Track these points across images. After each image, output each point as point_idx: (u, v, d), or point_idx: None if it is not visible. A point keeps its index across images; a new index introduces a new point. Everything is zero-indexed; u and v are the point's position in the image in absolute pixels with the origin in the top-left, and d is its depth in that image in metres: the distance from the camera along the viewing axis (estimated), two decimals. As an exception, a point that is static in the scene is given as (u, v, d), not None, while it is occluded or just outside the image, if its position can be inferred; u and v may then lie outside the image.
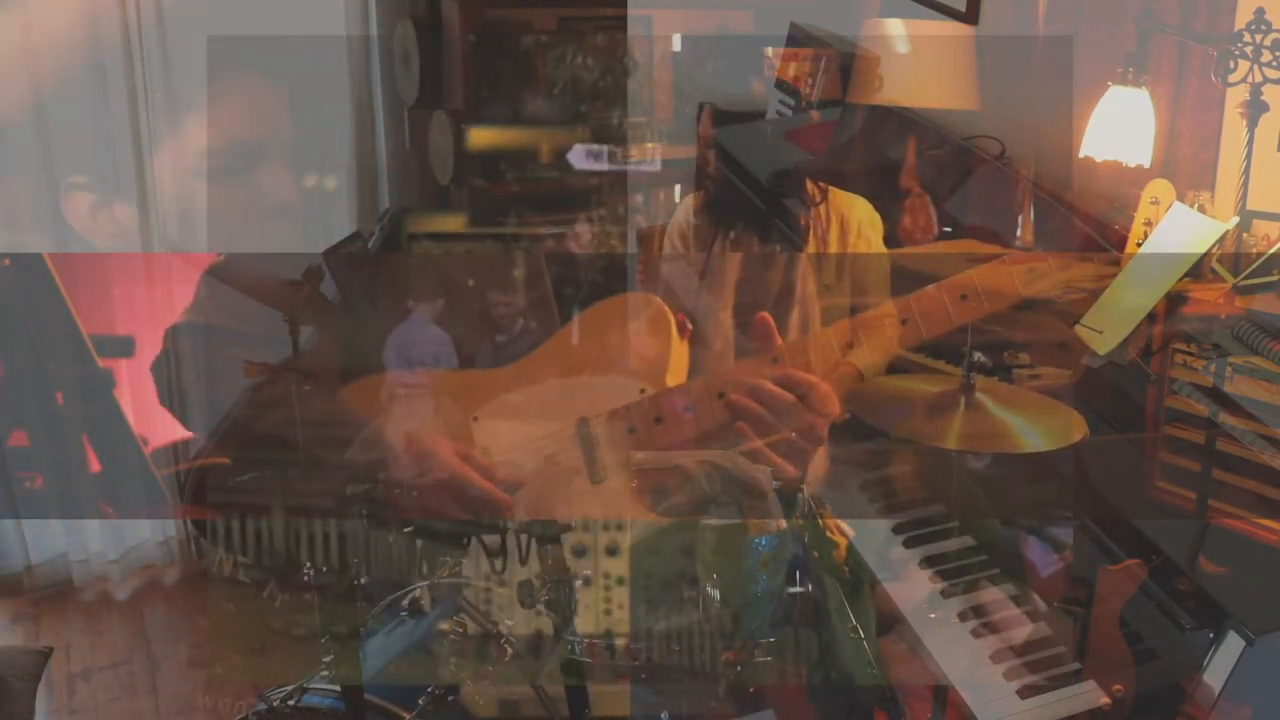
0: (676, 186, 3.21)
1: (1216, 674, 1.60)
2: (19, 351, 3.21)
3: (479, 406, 1.69)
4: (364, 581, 1.59)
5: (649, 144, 3.15)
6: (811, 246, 2.24)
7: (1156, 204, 2.02)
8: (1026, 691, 1.75)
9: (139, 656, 3.24)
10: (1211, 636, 1.62)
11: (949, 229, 2.45)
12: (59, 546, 3.46)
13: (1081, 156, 2.14)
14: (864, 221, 2.29)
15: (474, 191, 3.21)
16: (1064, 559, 1.91)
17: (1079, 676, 1.76)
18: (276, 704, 1.78)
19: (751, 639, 1.59)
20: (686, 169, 2.93)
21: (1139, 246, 2.01)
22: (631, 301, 1.82)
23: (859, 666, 1.75)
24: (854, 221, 2.28)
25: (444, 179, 3.27)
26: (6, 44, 3.03)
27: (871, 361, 1.72)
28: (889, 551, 2.06)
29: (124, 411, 3.33)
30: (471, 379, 1.87)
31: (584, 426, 1.64)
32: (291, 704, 1.78)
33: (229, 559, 1.53)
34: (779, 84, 2.97)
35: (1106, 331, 1.94)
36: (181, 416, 2.00)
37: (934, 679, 1.84)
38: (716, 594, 1.57)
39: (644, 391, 1.66)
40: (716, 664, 1.58)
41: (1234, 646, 1.59)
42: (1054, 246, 2.16)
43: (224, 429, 1.74)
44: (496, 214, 3.13)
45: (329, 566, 1.56)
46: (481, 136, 3.20)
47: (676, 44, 3.30)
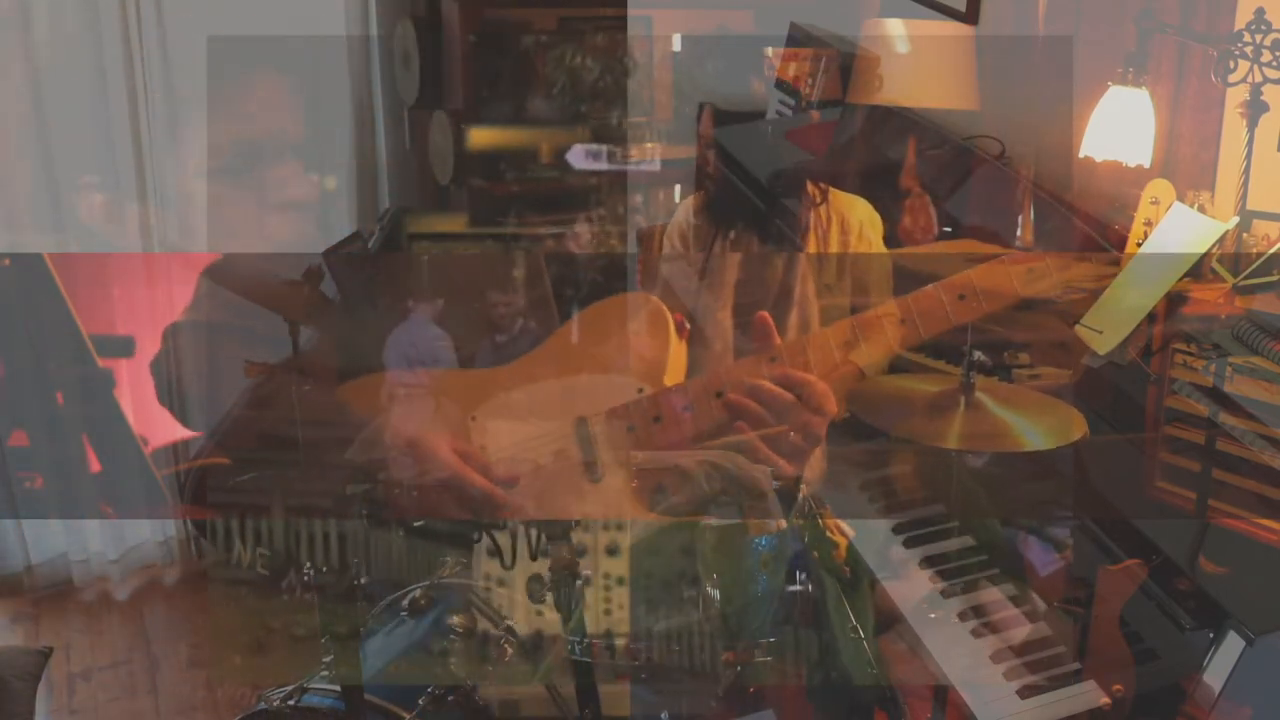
0: (676, 186, 3.21)
1: (1216, 674, 1.60)
2: (19, 351, 3.21)
3: (477, 406, 1.69)
4: (364, 581, 1.59)
5: (649, 144, 3.15)
6: (812, 247, 2.24)
7: (1156, 204, 2.02)
8: (1026, 691, 1.75)
9: (139, 656, 3.24)
10: (1211, 636, 1.61)
11: (949, 229, 2.45)
12: (59, 546, 3.46)
13: (1081, 156, 2.14)
14: (864, 222, 2.29)
15: (474, 191, 3.21)
16: (1064, 559, 1.91)
17: (1079, 676, 1.76)
18: (276, 704, 1.78)
19: (751, 639, 1.59)
20: (686, 169, 2.93)
21: (1139, 246, 2.01)
22: (630, 301, 1.82)
23: (859, 666, 1.75)
24: (854, 222, 2.28)
25: (444, 179, 3.27)
26: (6, 44, 3.04)
27: (872, 361, 1.72)
28: (889, 551, 2.06)
29: (124, 411, 3.33)
30: (469, 378, 1.87)
31: (582, 426, 1.64)
32: (291, 704, 1.77)
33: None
34: (779, 84, 2.97)
35: (1106, 331, 1.94)
36: (180, 415, 2.00)
37: (934, 679, 1.84)
38: (716, 594, 1.57)
39: (642, 391, 1.66)
40: (716, 664, 1.58)
41: (1234, 646, 1.59)
42: (1054, 246, 2.16)
43: (224, 429, 1.74)
44: (496, 214, 3.13)
45: (329, 566, 1.56)
46: (481, 136, 3.20)
47: (676, 44, 3.30)
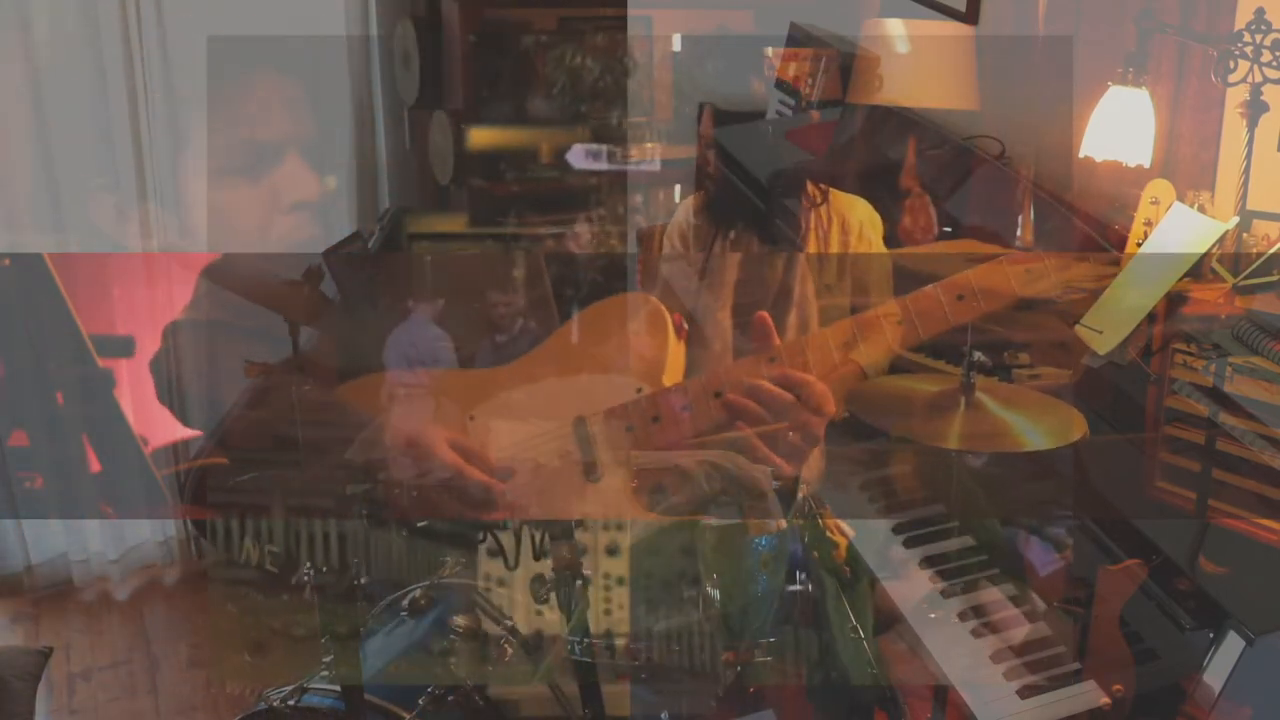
0: (676, 186, 3.21)
1: (1216, 674, 1.60)
2: (19, 351, 3.21)
3: (476, 405, 1.69)
4: (364, 581, 1.59)
5: (649, 144, 3.14)
6: (812, 247, 2.24)
7: (1156, 204, 2.02)
8: (1026, 691, 1.75)
9: (139, 656, 3.24)
10: (1211, 636, 1.61)
11: (949, 229, 2.45)
12: (59, 546, 3.46)
13: (1081, 156, 2.14)
14: (865, 222, 2.29)
15: (474, 191, 3.21)
16: (1064, 559, 1.91)
17: (1079, 676, 1.76)
18: (276, 704, 1.78)
19: (751, 639, 1.59)
20: (686, 169, 2.93)
21: (1139, 246, 2.01)
22: (629, 302, 1.82)
23: (858, 666, 1.75)
24: (854, 222, 2.28)
25: (444, 179, 3.27)
26: (6, 44, 3.03)
27: (872, 360, 1.72)
28: (889, 551, 2.06)
29: (124, 411, 3.33)
30: (469, 378, 1.87)
31: (581, 425, 1.64)
32: (291, 704, 1.77)
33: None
34: (779, 84, 2.97)
35: (1106, 331, 1.94)
36: (180, 414, 2.00)
37: (934, 679, 1.84)
38: (716, 594, 1.57)
39: (641, 391, 1.66)
40: (716, 664, 1.58)
41: (1234, 646, 1.59)
42: (1054, 246, 2.16)
43: (224, 429, 1.74)
44: (496, 214, 3.13)
45: (329, 566, 1.56)
46: (481, 136, 3.19)
47: (676, 44, 3.30)
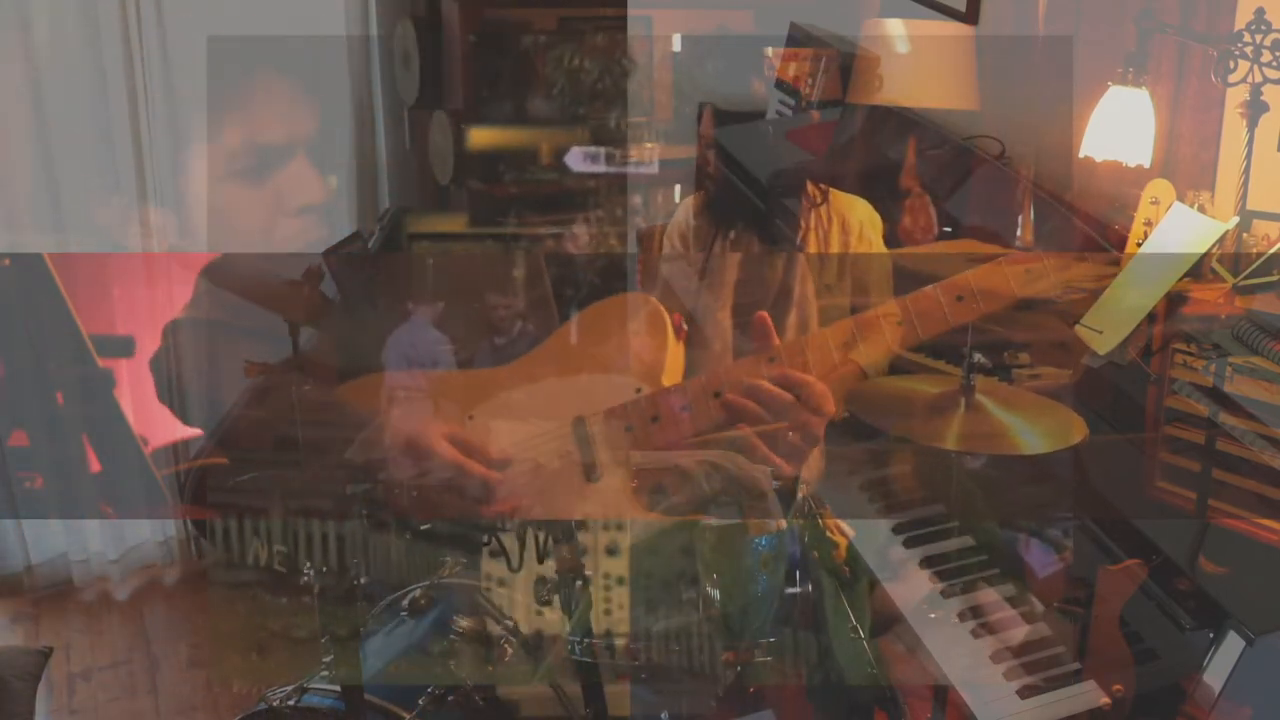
0: (676, 187, 3.21)
1: (1216, 674, 1.60)
2: (19, 351, 3.21)
3: (476, 405, 1.69)
4: (364, 582, 1.59)
5: (648, 144, 3.14)
6: (812, 247, 2.24)
7: (1156, 204, 2.02)
8: (1026, 691, 1.75)
9: (139, 656, 3.24)
10: (1211, 636, 1.61)
11: (949, 229, 2.45)
12: (59, 546, 3.46)
13: (1081, 156, 2.14)
14: (865, 222, 2.29)
15: (474, 192, 3.21)
16: (1064, 559, 1.91)
17: (1079, 676, 1.76)
18: (276, 704, 1.78)
19: (751, 639, 1.59)
20: (686, 169, 2.92)
21: (1139, 246, 2.01)
22: (629, 302, 1.82)
23: (858, 666, 1.75)
24: (855, 222, 2.28)
25: (444, 179, 3.27)
26: (6, 44, 3.03)
27: (872, 360, 1.72)
28: (889, 551, 2.06)
29: (124, 411, 3.33)
30: (468, 378, 1.87)
31: (580, 426, 1.64)
32: (291, 704, 1.77)
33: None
34: (779, 84, 2.96)
35: (1106, 331, 1.94)
36: (180, 412, 2.00)
37: (934, 679, 1.84)
38: (716, 594, 1.57)
39: (640, 391, 1.66)
40: (716, 664, 1.58)
41: (1234, 646, 1.59)
42: (1054, 246, 2.16)
43: (224, 429, 1.74)
44: (496, 214, 3.13)
45: (329, 567, 1.56)
46: (481, 136, 3.19)
47: (676, 44, 3.30)
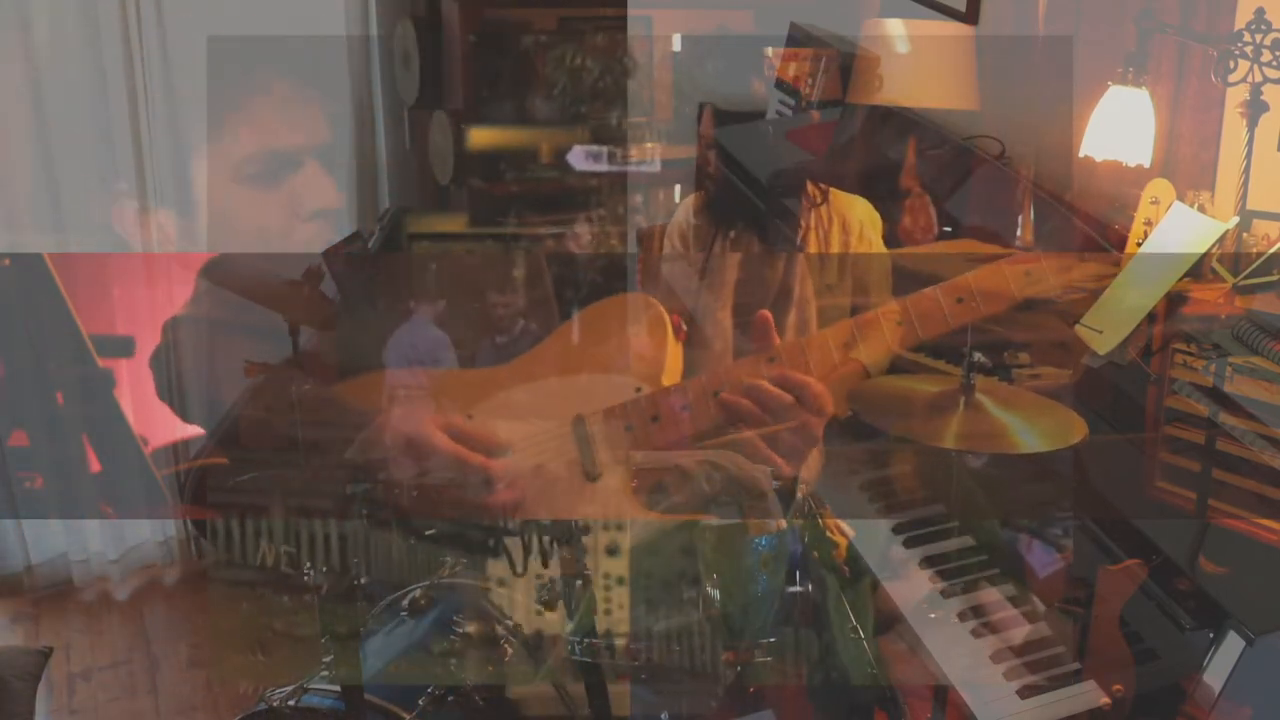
0: (676, 186, 3.21)
1: (1216, 674, 1.60)
2: (19, 351, 3.21)
3: (475, 404, 1.69)
4: (364, 581, 1.59)
5: (649, 144, 3.14)
6: (813, 247, 2.24)
7: (1156, 204, 2.02)
8: (1026, 691, 1.75)
9: (139, 656, 3.24)
10: (1211, 636, 1.62)
11: (949, 229, 2.45)
12: (59, 546, 3.46)
13: (1081, 156, 2.14)
14: (865, 222, 2.30)
15: (474, 191, 3.21)
16: (1064, 559, 1.91)
17: (1079, 676, 1.76)
18: (276, 704, 1.78)
19: (752, 639, 1.59)
20: (686, 169, 2.93)
21: (1139, 246, 2.01)
22: (628, 302, 1.82)
23: (858, 666, 1.75)
24: (855, 222, 2.28)
25: (444, 179, 3.27)
26: (6, 44, 3.03)
27: (873, 360, 1.72)
28: (889, 551, 2.06)
29: (124, 411, 3.33)
30: (467, 377, 1.87)
31: (580, 425, 1.64)
32: (291, 704, 1.77)
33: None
34: (779, 84, 2.97)
35: (1106, 331, 1.94)
36: (180, 410, 1.99)
37: (934, 679, 1.84)
38: (716, 594, 1.57)
39: (640, 390, 1.66)
40: (716, 664, 1.58)
41: (1234, 646, 1.59)
42: (1054, 246, 2.16)
43: (224, 429, 1.74)
44: (496, 214, 3.13)
45: (329, 566, 1.56)
46: (481, 136, 3.19)
47: (676, 44, 3.30)
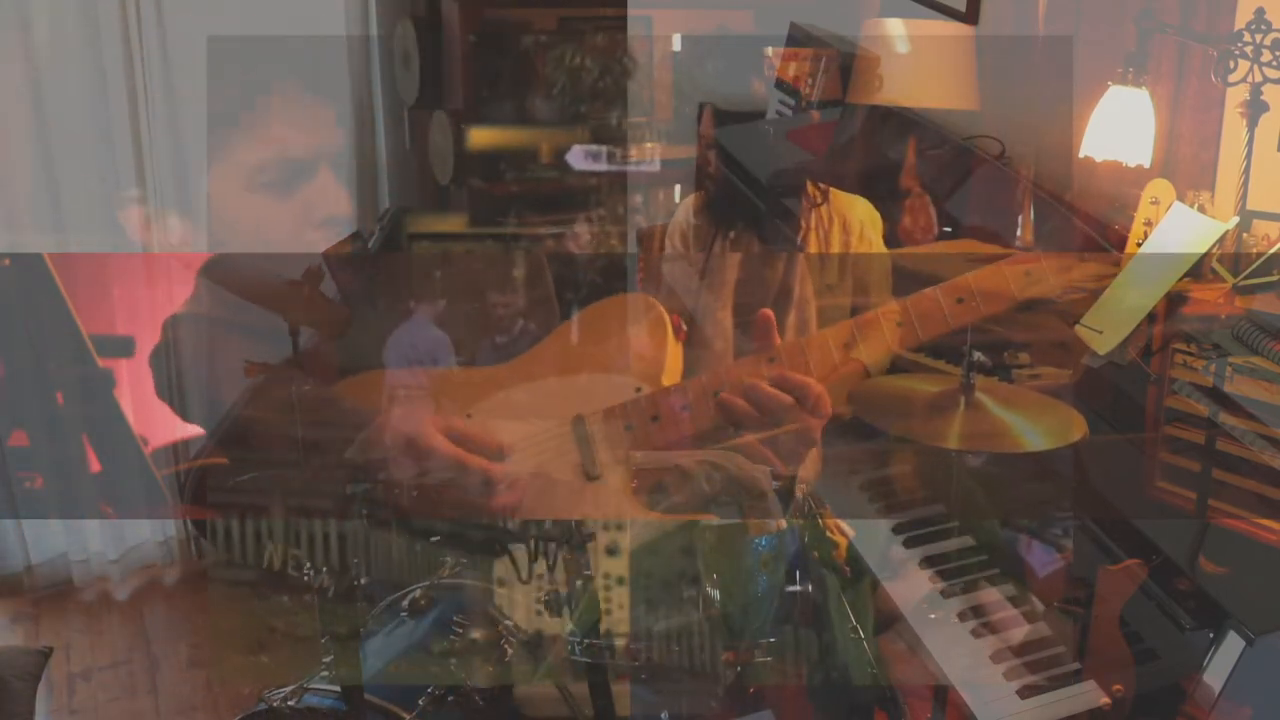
0: (676, 186, 3.21)
1: (1216, 674, 1.60)
2: (19, 351, 3.21)
3: (474, 404, 1.69)
4: (364, 581, 1.59)
5: (649, 144, 3.14)
6: (813, 247, 2.24)
7: (1156, 204, 2.02)
8: (1026, 691, 1.75)
9: (139, 656, 3.24)
10: (1211, 636, 1.61)
11: (949, 229, 2.45)
12: (59, 546, 3.46)
13: (1081, 156, 2.14)
14: (865, 221, 2.30)
15: (474, 191, 3.21)
16: (1064, 559, 1.91)
17: (1079, 676, 1.76)
18: (276, 704, 1.78)
19: (751, 639, 1.59)
20: (686, 169, 2.92)
21: (1139, 246, 2.01)
22: (628, 302, 1.82)
23: (859, 666, 1.75)
24: (855, 222, 2.28)
25: (444, 179, 3.27)
26: (6, 44, 3.03)
27: (873, 360, 1.72)
28: (889, 551, 2.06)
29: (124, 411, 3.33)
30: (466, 376, 1.87)
31: (580, 425, 1.64)
32: (291, 704, 1.77)
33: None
34: (779, 84, 2.97)
35: (1106, 331, 1.94)
36: (179, 409, 1.99)
37: (934, 679, 1.84)
38: (716, 594, 1.57)
39: (640, 390, 1.66)
40: (716, 664, 1.58)
41: (1234, 646, 1.59)
42: (1054, 246, 2.16)
43: (224, 429, 1.74)
44: (496, 214, 3.13)
45: (329, 567, 1.56)
46: (481, 136, 3.19)
47: (676, 44, 3.30)
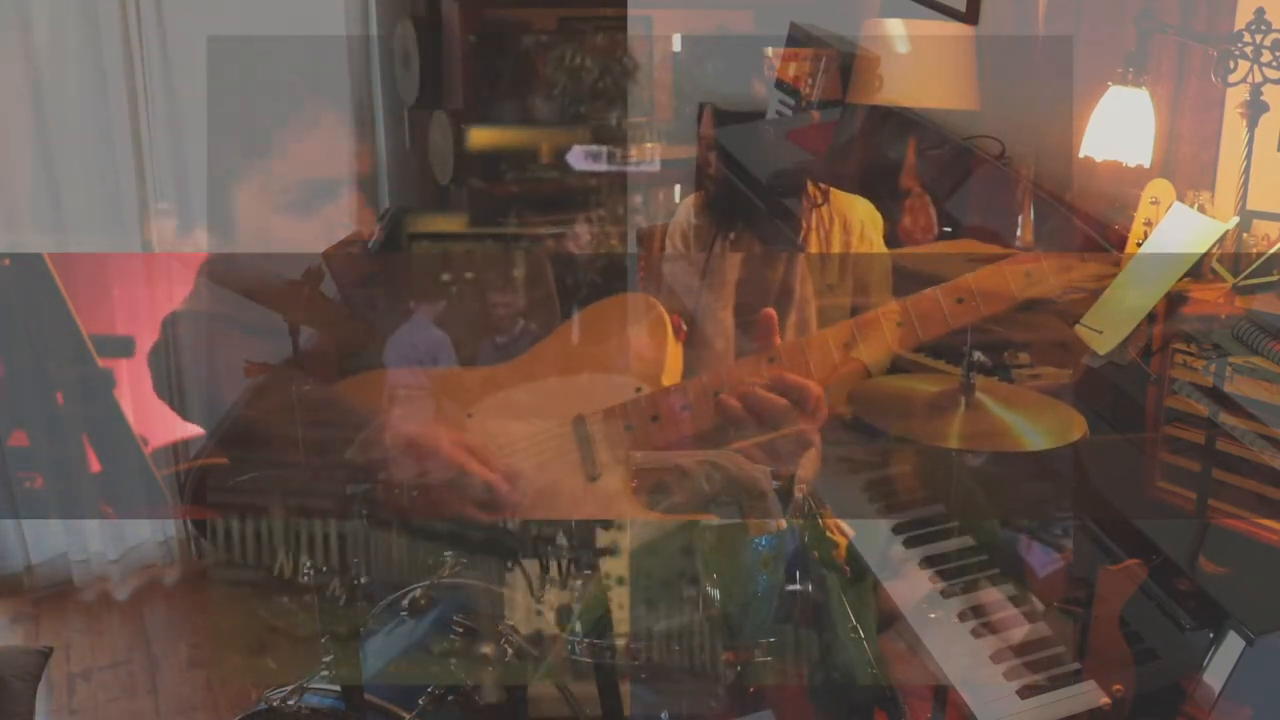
0: (676, 186, 3.21)
1: (1216, 674, 1.60)
2: (19, 351, 3.21)
3: (474, 404, 1.69)
4: (364, 581, 1.59)
5: (649, 144, 3.14)
6: (814, 247, 2.24)
7: (1156, 204, 2.02)
8: (1026, 691, 1.75)
9: (139, 656, 3.24)
10: (1211, 636, 1.61)
11: (949, 229, 2.45)
12: (59, 546, 3.46)
13: (1081, 156, 2.14)
14: (865, 221, 2.30)
15: (474, 191, 3.21)
16: (1064, 559, 1.91)
17: (1079, 676, 1.76)
18: (276, 704, 1.78)
19: (751, 638, 1.59)
20: (686, 169, 2.92)
21: (1139, 246, 2.01)
22: (628, 302, 1.82)
23: (859, 666, 1.75)
24: (856, 222, 2.28)
25: (444, 179, 3.27)
26: (6, 44, 3.03)
27: (873, 360, 1.72)
28: (889, 551, 2.06)
29: (124, 411, 3.33)
30: (467, 376, 1.87)
31: (580, 425, 1.64)
32: (291, 704, 1.77)
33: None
34: (779, 84, 2.97)
35: (1106, 331, 1.94)
36: (178, 407, 1.99)
37: (934, 679, 1.84)
38: (716, 594, 1.57)
39: (640, 390, 1.66)
40: (716, 664, 1.58)
41: (1234, 646, 1.59)
42: (1054, 246, 2.16)
43: (224, 429, 1.74)
44: (496, 214, 3.13)
45: (329, 566, 1.56)
46: (481, 136, 3.20)
47: (676, 44, 3.30)
